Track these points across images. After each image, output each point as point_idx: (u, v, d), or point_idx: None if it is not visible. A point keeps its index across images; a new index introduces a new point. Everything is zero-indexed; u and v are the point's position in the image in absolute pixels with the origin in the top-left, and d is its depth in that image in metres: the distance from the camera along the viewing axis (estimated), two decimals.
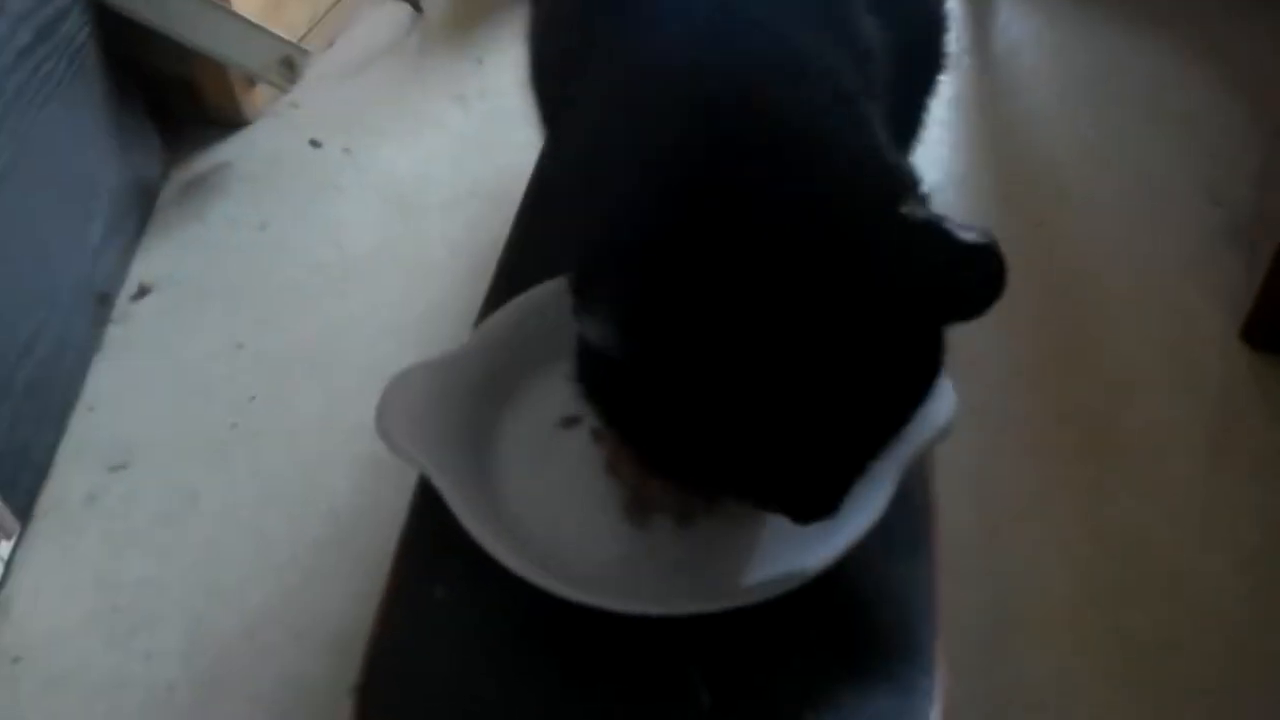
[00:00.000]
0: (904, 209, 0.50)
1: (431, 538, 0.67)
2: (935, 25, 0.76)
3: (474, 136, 1.47)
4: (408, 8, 1.73)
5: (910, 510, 0.66)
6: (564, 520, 0.67)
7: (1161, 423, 1.06)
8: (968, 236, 0.49)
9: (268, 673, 0.90)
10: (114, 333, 1.21)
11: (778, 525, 0.66)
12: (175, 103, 1.45)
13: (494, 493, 0.68)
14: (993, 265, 0.49)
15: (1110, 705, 0.86)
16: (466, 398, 0.71)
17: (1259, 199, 1.23)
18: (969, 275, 0.49)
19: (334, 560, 0.99)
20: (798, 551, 0.62)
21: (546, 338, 0.71)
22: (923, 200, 0.53)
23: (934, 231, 0.50)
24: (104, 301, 1.23)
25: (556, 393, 0.71)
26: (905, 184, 0.53)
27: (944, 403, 0.64)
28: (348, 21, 1.68)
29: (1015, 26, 1.54)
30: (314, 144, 1.47)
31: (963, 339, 0.54)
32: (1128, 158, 1.33)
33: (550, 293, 0.74)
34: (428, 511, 0.68)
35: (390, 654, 0.62)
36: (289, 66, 1.43)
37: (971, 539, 0.94)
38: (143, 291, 1.26)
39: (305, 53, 1.44)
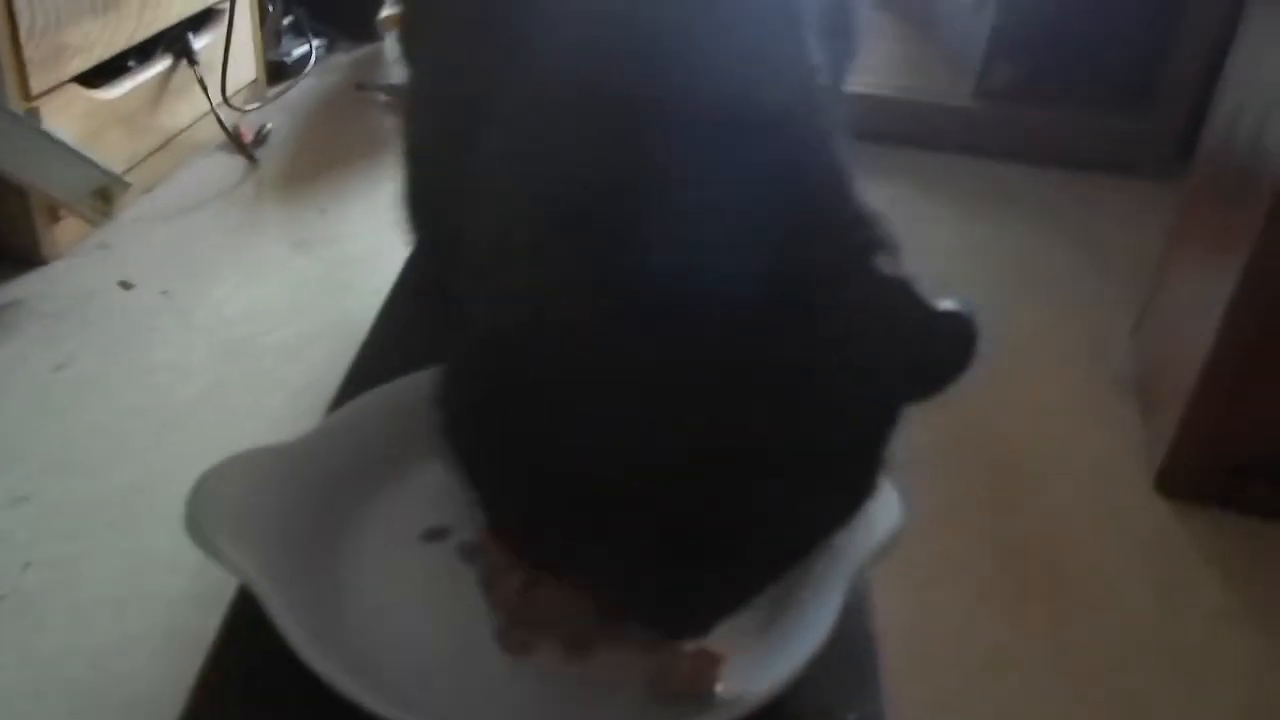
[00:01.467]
0: (876, 264, 0.44)
1: (240, 678, 0.50)
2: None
3: (319, 280, 1.32)
4: (241, 159, 1.60)
5: (852, 640, 0.53)
6: (428, 652, 0.52)
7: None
8: (941, 302, 0.44)
9: None
10: None
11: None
12: None
13: (338, 617, 0.52)
14: (966, 332, 0.44)
15: None
16: (304, 499, 0.55)
17: (1138, 351, 1.24)
18: (939, 342, 0.44)
19: None
20: (730, 681, 0.49)
21: (406, 435, 0.57)
22: (895, 256, 0.45)
23: (906, 291, 0.44)
24: None
25: (418, 500, 0.58)
26: (879, 236, 0.45)
27: (890, 509, 0.54)
28: (172, 168, 1.53)
29: None
30: (124, 285, 1.28)
31: None
32: (1008, 321, 1.33)
33: (414, 385, 0.60)
34: (239, 642, 0.51)
35: None
36: (104, 199, 1.27)
37: (921, 695, 0.81)
38: None
39: (125, 185, 1.28)
